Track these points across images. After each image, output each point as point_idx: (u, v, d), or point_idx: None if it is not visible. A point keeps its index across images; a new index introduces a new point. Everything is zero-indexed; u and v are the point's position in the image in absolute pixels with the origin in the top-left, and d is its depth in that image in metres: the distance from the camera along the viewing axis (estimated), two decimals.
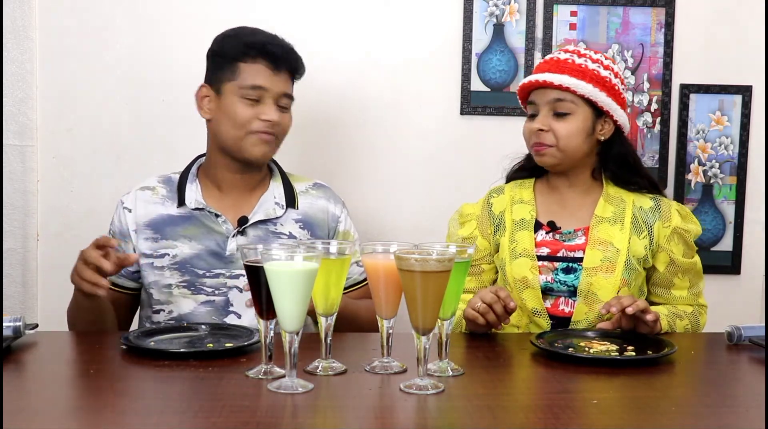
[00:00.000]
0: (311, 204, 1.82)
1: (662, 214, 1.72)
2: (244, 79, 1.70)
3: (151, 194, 1.77)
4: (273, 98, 1.71)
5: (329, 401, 1.19)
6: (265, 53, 1.71)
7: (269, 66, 1.71)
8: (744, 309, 2.35)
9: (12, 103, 2.19)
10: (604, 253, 1.68)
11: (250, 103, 1.70)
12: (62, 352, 1.48)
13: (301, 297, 1.19)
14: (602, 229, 1.70)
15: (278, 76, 1.72)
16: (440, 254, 1.19)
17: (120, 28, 2.24)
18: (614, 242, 1.68)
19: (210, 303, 1.70)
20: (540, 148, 1.70)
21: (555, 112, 1.69)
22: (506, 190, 1.82)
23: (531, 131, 1.71)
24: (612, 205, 1.73)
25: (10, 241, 2.20)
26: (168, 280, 1.70)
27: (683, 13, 2.30)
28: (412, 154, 2.31)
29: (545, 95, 1.70)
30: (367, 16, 2.27)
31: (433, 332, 1.20)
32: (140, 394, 1.20)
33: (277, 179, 1.82)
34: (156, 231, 1.73)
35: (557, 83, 1.67)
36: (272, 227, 1.76)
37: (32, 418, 1.08)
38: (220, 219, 1.73)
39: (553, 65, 1.71)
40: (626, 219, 1.71)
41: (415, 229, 2.27)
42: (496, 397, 1.21)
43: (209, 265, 1.71)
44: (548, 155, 1.70)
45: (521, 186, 1.81)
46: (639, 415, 1.13)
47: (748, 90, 2.32)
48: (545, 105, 1.70)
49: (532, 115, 1.73)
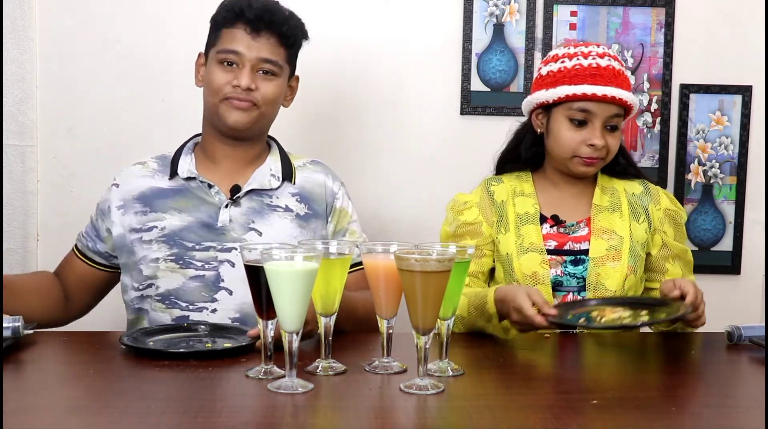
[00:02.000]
0: (308, 178, 1.77)
1: (653, 197, 1.76)
2: (222, 43, 1.66)
3: (141, 168, 1.74)
4: (250, 63, 1.65)
5: (329, 401, 1.19)
6: (242, 16, 1.65)
7: (247, 30, 1.65)
8: (744, 309, 2.35)
9: (12, 103, 2.19)
10: (609, 241, 1.69)
11: (226, 69, 1.65)
12: (62, 352, 1.48)
13: (301, 297, 1.18)
14: (603, 217, 1.72)
15: (257, 41, 1.65)
16: (440, 254, 1.19)
17: (120, 28, 2.24)
18: (617, 230, 1.70)
19: (200, 278, 1.63)
20: (593, 161, 1.68)
21: (608, 125, 1.67)
22: (505, 180, 1.80)
23: (581, 143, 1.67)
24: (607, 194, 1.75)
25: (10, 241, 2.20)
26: (155, 254, 1.64)
27: (683, 13, 2.30)
28: (412, 154, 2.31)
29: (607, 110, 1.66)
30: (367, 16, 2.27)
31: (433, 332, 1.20)
32: (140, 394, 1.20)
33: (275, 154, 1.78)
34: (145, 204, 1.68)
35: (626, 100, 1.66)
36: (267, 199, 1.70)
37: (32, 418, 1.08)
38: (213, 190, 1.68)
39: (614, 77, 1.66)
40: (623, 206, 1.73)
41: (415, 229, 2.27)
42: (496, 397, 1.21)
43: (199, 238, 1.65)
44: (595, 167, 1.70)
45: (520, 178, 1.80)
46: (639, 415, 1.13)
47: (748, 90, 2.32)
48: (602, 119, 1.66)
49: (579, 123, 1.67)
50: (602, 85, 1.64)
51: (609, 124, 1.67)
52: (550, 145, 1.73)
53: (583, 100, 1.65)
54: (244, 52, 1.65)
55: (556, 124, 1.70)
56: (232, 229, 1.66)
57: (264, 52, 1.66)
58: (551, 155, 1.75)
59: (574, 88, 1.65)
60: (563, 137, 1.68)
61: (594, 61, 1.66)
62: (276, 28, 1.67)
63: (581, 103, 1.66)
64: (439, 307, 1.21)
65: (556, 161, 1.74)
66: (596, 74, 1.65)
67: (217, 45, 1.67)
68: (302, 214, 1.71)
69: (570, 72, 1.66)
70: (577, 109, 1.66)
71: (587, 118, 1.66)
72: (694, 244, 2.35)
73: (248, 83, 1.64)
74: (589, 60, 1.67)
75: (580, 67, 1.66)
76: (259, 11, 1.65)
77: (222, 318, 1.61)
